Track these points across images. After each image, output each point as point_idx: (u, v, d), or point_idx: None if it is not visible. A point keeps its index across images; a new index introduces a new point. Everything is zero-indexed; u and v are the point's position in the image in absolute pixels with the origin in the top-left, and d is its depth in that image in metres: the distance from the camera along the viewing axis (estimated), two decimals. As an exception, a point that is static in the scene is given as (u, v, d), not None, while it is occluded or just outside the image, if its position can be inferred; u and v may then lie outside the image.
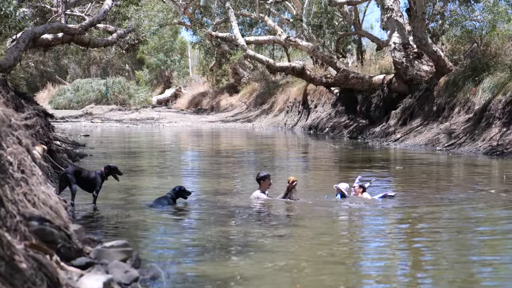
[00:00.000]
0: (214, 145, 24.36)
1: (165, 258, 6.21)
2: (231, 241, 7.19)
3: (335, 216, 8.96)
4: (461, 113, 21.07)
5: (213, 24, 38.26)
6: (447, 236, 7.49)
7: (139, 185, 11.98)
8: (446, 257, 6.45)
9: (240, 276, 5.66)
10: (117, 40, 28.67)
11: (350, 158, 18.60)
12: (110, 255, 5.02)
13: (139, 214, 8.75)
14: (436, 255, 6.58)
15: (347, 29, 34.39)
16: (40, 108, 17.28)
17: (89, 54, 59.80)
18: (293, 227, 8.04)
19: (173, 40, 62.10)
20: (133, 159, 17.94)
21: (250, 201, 9.78)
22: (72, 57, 59.79)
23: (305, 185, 12.37)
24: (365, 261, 6.49)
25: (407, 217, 8.80)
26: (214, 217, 8.59)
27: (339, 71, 28.22)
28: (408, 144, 21.37)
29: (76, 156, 16.07)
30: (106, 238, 6.82)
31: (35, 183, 4.93)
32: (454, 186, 12.15)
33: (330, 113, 30.89)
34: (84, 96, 52.07)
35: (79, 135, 26.60)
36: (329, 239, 7.33)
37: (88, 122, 39.28)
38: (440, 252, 6.69)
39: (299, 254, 6.61)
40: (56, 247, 4.66)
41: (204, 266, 5.99)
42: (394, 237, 7.57)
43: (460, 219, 8.57)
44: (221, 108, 47.84)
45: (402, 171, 14.38)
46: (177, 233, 7.66)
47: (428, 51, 23.42)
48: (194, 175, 14.65)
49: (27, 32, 20.71)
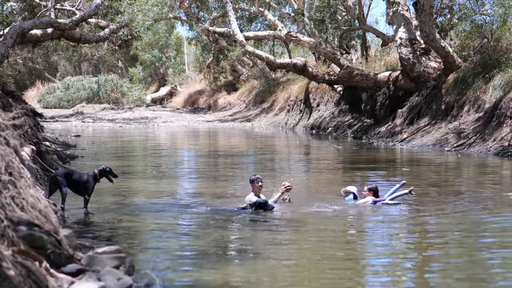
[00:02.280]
0: (212, 146, 24.36)
1: (159, 265, 6.22)
2: (228, 247, 7.20)
3: (337, 222, 8.96)
4: (471, 112, 21.08)
5: (210, 19, 38.25)
6: (457, 248, 7.49)
7: (132, 188, 11.99)
8: (458, 271, 6.46)
9: (238, 284, 5.67)
10: (110, 36, 28.65)
11: (354, 159, 18.60)
12: (102, 262, 5.03)
13: (133, 219, 8.76)
14: (446, 269, 6.58)
15: (351, 23, 34.37)
16: (28, 107, 17.27)
17: (80, 51, 59.79)
18: (292, 233, 8.05)
19: (168, 36, 62.09)
20: (126, 161, 17.94)
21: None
22: (62, 54, 59.84)
23: (307, 187, 12.39)
24: (369, 271, 6.49)
25: (414, 223, 8.80)
26: (211, 221, 8.60)
27: (343, 68, 28.23)
28: (415, 145, 21.39)
29: (66, 157, 16.08)
30: (98, 243, 6.83)
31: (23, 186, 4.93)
32: (465, 189, 12.15)
33: (333, 112, 30.89)
34: (74, 95, 52.07)
35: (70, 135, 26.60)
36: (330, 246, 7.34)
37: (79, 122, 39.28)
38: (452, 268, 6.69)
39: (299, 260, 6.62)
40: (45, 253, 4.67)
41: (200, 273, 6.00)
42: (400, 244, 7.56)
43: (469, 224, 8.57)
44: (218, 107, 47.84)
45: (409, 173, 14.38)
46: (172, 238, 7.67)
47: (436, 46, 23.43)
48: (190, 177, 14.65)
49: (14, 27, 20.70)
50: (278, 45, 47.26)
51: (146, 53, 61.62)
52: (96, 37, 27.76)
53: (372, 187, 10.16)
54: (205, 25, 37.55)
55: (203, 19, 38.91)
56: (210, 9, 38.55)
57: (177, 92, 56.34)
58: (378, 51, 34.98)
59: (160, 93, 57.87)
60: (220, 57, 42.62)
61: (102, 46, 44.13)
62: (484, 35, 25.12)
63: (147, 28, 33.72)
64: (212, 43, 40.14)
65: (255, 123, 37.26)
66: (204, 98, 51.93)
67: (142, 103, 53.34)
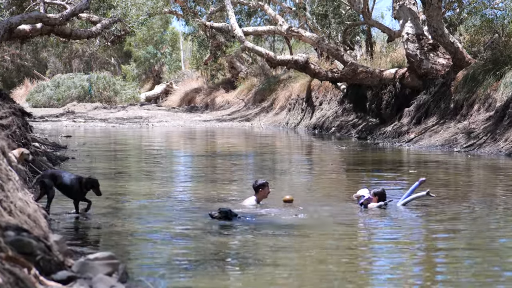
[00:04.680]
0: (209, 147, 24.36)
1: (154, 272, 6.21)
2: (227, 253, 7.19)
3: (341, 226, 8.95)
4: (481, 110, 21.08)
5: (208, 13, 38.27)
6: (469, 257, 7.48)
7: (126, 191, 11.98)
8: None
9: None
10: (102, 31, 28.66)
11: (359, 160, 18.60)
12: (94, 268, 5.02)
13: (126, 223, 8.75)
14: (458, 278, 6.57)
15: (355, 18, 34.40)
16: (16, 106, 17.25)
17: (70, 47, 59.79)
18: (295, 238, 8.03)
19: (164, 31, 62.11)
20: (119, 162, 17.95)
21: (246, 208, 9.81)
22: (52, 50, 59.88)
23: (309, 190, 12.38)
24: (374, 278, 6.48)
25: (423, 229, 8.78)
26: (208, 226, 8.59)
27: (347, 65, 28.23)
28: (423, 145, 21.39)
29: (56, 159, 16.07)
30: (90, 249, 6.82)
31: (11, 189, 4.92)
32: (476, 192, 12.14)
33: (336, 111, 30.91)
34: (65, 93, 52.08)
35: (60, 136, 26.60)
36: (333, 252, 7.33)
37: (70, 122, 39.29)
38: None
39: (302, 267, 6.61)
40: (34, 259, 4.65)
41: (197, 281, 5.99)
42: (407, 252, 7.54)
43: (485, 232, 8.56)
44: (216, 106, 47.87)
45: (417, 175, 14.36)
46: (168, 244, 7.65)
47: (445, 42, 23.44)
48: (186, 179, 14.65)
49: (2, 22, 20.70)
50: (279, 41, 47.27)
51: (140, 49, 61.62)
52: (87, 33, 27.76)
53: (378, 191, 10.08)
54: (202, 19, 37.55)
55: (200, 14, 38.93)
56: (207, 3, 38.58)
57: (173, 90, 56.35)
58: (383, 47, 34.99)
59: (155, 92, 57.88)
60: (217, 53, 42.62)
61: (94, 42, 44.11)
62: (495, 30, 25.12)
63: (141, 23, 33.74)
64: (209, 39, 40.14)
65: (254, 123, 37.27)
66: (201, 96, 51.95)
67: (136, 102, 53.35)
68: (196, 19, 37.66)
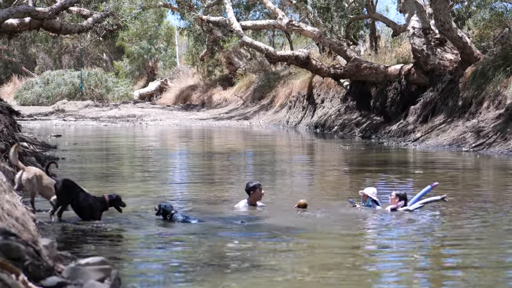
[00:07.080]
0: (206, 147, 24.37)
1: (149, 278, 6.22)
2: (224, 257, 7.20)
3: (343, 229, 8.96)
4: (491, 108, 21.10)
5: (204, 7, 38.23)
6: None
7: (119, 193, 11.96)
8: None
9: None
10: (93, 26, 28.65)
11: (362, 160, 18.61)
12: (85, 274, 5.03)
13: (119, 227, 8.76)
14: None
15: (359, 11, 34.40)
16: (4, 104, 17.27)
17: (60, 42, 59.77)
18: (295, 241, 8.05)
19: (158, 25, 62.06)
20: (112, 163, 17.95)
21: (239, 211, 9.89)
22: (41, 46, 59.78)
23: (310, 192, 12.39)
24: (378, 282, 6.50)
25: (432, 233, 8.77)
26: (205, 229, 8.60)
27: (350, 61, 28.24)
28: (430, 145, 21.41)
29: (46, 159, 16.04)
30: (81, 254, 6.82)
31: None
32: (489, 195, 12.14)
33: (339, 109, 30.91)
34: (55, 91, 52.06)
35: (50, 135, 26.60)
36: (335, 256, 7.34)
37: (59, 120, 39.29)
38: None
39: (302, 272, 6.62)
40: (23, 264, 4.66)
41: (194, 287, 5.99)
42: (415, 256, 7.55)
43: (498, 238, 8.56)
44: (213, 104, 47.86)
45: (423, 176, 14.39)
46: (162, 249, 7.67)
47: (452, 37, 23.45)
48: (182, 181, 14.66)
49: (-12, 16, 20.70)
50: (279, 36, 47.24)
51: (134, 44, 61.57)
52: (78, 27, 27.75)
53: (401, 193, 10.07)
54: (198, 13, 37.53)
55: (196, 7, 38.88)
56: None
57: (168, 87, 56.34)
58: (388, 41, 35.00)
59: (149, 89, 57.87)
60: (214, 48, 42.61)
61: (85, 37, 44.13)
62: (505, 23, 25.16)
63: (135, 17, 33.78)
64: (206, 34, 40.08)
65: (253, 121, 37.28)
66: (197, 94, 51.94)
67: (129, 100, 53.34)
68: (192, 13, 37.61)
